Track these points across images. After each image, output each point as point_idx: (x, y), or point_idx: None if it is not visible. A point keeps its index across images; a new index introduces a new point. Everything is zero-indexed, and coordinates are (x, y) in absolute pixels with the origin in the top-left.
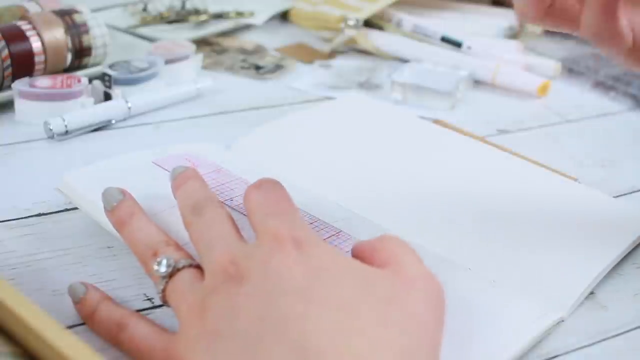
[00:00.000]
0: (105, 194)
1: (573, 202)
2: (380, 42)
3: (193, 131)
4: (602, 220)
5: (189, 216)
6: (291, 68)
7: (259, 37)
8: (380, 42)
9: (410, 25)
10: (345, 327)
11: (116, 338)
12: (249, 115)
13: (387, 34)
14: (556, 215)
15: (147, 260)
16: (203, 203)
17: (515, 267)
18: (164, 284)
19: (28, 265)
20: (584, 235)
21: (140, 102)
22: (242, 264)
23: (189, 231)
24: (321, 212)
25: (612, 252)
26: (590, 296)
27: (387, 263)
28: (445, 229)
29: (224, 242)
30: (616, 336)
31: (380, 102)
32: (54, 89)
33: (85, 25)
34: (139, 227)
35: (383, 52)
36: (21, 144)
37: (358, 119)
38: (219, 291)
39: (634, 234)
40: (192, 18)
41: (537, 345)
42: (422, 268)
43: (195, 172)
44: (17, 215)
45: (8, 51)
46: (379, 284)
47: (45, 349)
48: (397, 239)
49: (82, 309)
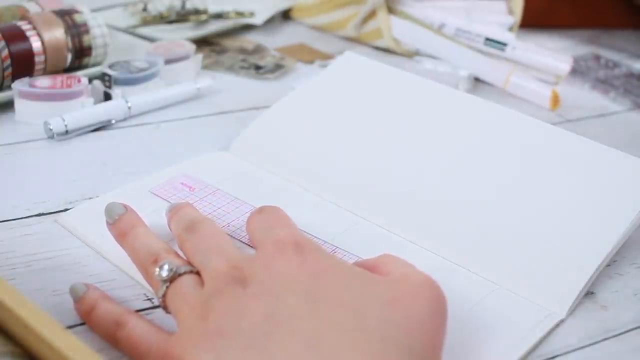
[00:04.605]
0: (108, 208)
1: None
2: (397, 28)
3: (193, 131)
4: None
5: (183, 235)
6: (291, 68)
7: (259, 37)
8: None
9: (453, 28)
10: (352, 326)
11: (114, 336)
12: (249, 115)
13: (403, 20)
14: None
15: (148, 267)
16: (197, 221)
17: (515, 266)
18: (165, 289)
19: (28, 265)
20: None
21: (140, 102)
22: (245, 268)
23: (184, 249)
24: (320, 232)
25: (606, 247)
26: (590, 296)
27: (389, 273)
28: (446, 226)
29: (222, 252)
30: (616, 336)
31: (375, 62)
32: (54, 89)
33: (85, 25)
34: (140, 235)
35: (396, 39)
36: (21, 144)
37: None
38: (223, 293)
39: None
40: (192, 18)
41: (537, 345)
42: (423, 275)
43: (188, 203)
44: (17, 215)
45: (8, 51)
46: (382, 287)
47: (45, 349)
48: (397, 256)
49: (81, 307)
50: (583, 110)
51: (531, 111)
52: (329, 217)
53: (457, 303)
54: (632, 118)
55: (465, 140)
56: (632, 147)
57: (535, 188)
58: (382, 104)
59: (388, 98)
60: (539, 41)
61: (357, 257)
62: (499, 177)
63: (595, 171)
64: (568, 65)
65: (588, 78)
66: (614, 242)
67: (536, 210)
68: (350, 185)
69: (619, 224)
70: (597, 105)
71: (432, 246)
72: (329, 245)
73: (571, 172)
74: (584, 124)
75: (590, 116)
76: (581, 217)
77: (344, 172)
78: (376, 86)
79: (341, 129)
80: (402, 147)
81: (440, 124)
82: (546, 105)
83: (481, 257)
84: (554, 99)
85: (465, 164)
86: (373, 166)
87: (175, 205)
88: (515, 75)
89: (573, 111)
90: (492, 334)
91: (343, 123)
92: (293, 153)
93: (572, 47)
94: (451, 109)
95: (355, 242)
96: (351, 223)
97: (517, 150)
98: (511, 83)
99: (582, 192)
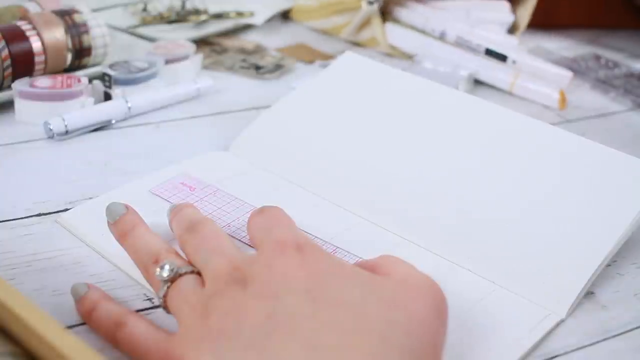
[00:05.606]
0: (109, 208)
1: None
2: (394, 35)
3: (193, 131)
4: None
5: (184, 235)
6: (291, 68)
7: (259, 37)
8: (394, 35)
9: (454, 36)
10: (353, 326)
11: (114, 336)
12: (249, 115)
13: (401, 27)
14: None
15: (149, 266)
16: (198, 222)
17: (515, 266)
18: (166, 289)
19: (28, 265)
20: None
21: (140, 102)
22: (246, 269)
23: (184, 249)
24: (321, 232)
25: (606, 247)
26: (590, 296)
27: (389, 274)
28: (446, 226)
29: (223, 252)
30: (616, 336)
31: (375, 62)
32: (54, 89)
33: (85, 25)
34: (140, 235)
35: (393, 46)
36: (21, 144)
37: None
38: (223, 293)
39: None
40: (192, 18)
41: (537, 345)
42: (424, 276)
43: (189, 204)
44: (17, 215)
45: (8, 51)
46: (383, 288)
47: (45, 349)
48: (397, 257)
49: (82, 307)
50: (583, 110)
51: (531, 111)
52: (329, 217)
53: (457, 303)
54: (632, 118)
55: (465, 141)
56: (632, 147)
57: (535, 188)
58: (382, 104)
59: (388, 98)
60: (539, 41)
61: (357, 257)
62: (499, 177)
63: (595, 171)
64: (567, 80)
65: (588, 78)
66: (614, 242)
67: (536, 210)
68: (350, 185)
69: (619, 224)
70: (597, 105)
71: (432, 246)
72: (329, 245)
73: (571, 172)
74: (584, 124)
75: (590, 116)
76: (581, 217)
77: (344, 172)
78: (376, 86)
79: (341, 129)
80: (402, 148)
81: (441, 124)
82: (551, 105)
83: (481, 257)
84: (561, 100)
85: (464, 164)
86: (373, 166)
87: (177, 206)
88: (521, 79)
89: (573, 111)
90: (492, 334)
91: (343, 123)
92: (293, 153)
93: (572, 47)
94: (451, 109)
95: (355, 242)
96: (351, 223)
97: (517, 151)
98: (517, 85)
99: (582, 192)
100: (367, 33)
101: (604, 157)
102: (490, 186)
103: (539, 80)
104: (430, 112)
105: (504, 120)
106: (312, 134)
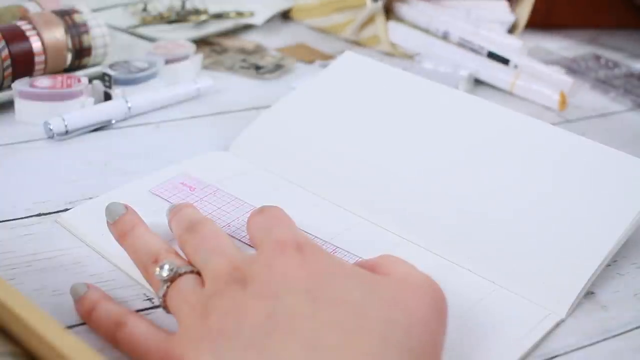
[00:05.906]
0: (108, 208)
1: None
2: (397, 34)
3: (193, 131)
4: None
5: (184, 235)
6: (291, 68)
7: (259, 37)
8: (397, 33)
9: (457, 37)
10: (353, 325)
11: (114, 336)
12: (249, 115)
13: (404, 26)
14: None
15: (148, 266)
16: (197, 222)
17: (515, 266)
18: (165, 289)
19: (28, 265)
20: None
21: (140, 102)
22: (246, 268)
23: (184, 249)
24: (321, 232)
25: (606, 247)
26: (590, 296)
27: (389, 274)
28: (445, 226)
29: (223, 252)
30: (616, 336)
31: (375, 62)
32: (54, 89)
33: (85, 25)
34: (140, 235)
35: (394, 44)
36: (21, 144)
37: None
38: (223, 293)
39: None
40: (192, 18)
41: (537, 345)
42: (423, 276)
43: (189, 203)
44: (17, 215)
45: (8, 51)
46: (383, 287)
47: (45, 349)
48: (397, 257)
49: (81, 307)
50: (583, 110)
51: (532, 111)
52: (329, 217)
53: (457, 303)
54: (632, 118)
55: (465, 141)
56: (632, 147)
57: (535, 188)
58: (382, 104)
59: (388, 98)
60: (539, 41)
61: (357, 257)
62: (499, 177)
63: (596, 171)
64: (569, 85)
65: (588, 78)
66: (614, 242)
67: (536, 210)
68: (350, 185)
69: (619, 224)
70: (597, 105)
71: (432, 246)
72: (329, 245)
73: (571, 172)
74: (584, 124)
75: (590, 116)
76: (581, 217)
77: (344, 171)
78: (376, 86)
79: (341, 129)
80: (402, 147)
81: (441, 124)
82: (551, 106)
83: (481, 257)
84: (562, 101)
85: (464, 164)
86: (373, 166)
87: (176, 206)
88: (521, 79)
89: (573, 111)
90: (492, 334)
91: (343, 123)
92: (293, 153)
93: (572, 47)
94: (451, 109)
95: (355, 242)
96: (351, 223)
97: (517, 150)
98: (517, 85)
99: (582, 192)
100: (369, 31)
101: (604, 157)
102: (490, 186)
103: (540, 81)
104: (430, 112)
105: (504, 120)
106: (312, 134)
